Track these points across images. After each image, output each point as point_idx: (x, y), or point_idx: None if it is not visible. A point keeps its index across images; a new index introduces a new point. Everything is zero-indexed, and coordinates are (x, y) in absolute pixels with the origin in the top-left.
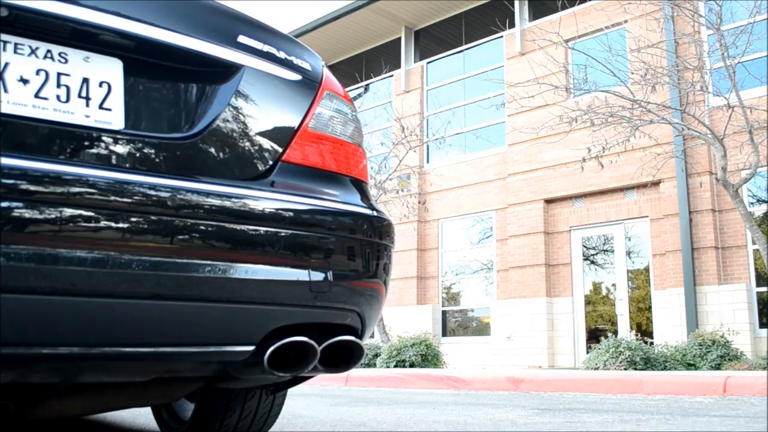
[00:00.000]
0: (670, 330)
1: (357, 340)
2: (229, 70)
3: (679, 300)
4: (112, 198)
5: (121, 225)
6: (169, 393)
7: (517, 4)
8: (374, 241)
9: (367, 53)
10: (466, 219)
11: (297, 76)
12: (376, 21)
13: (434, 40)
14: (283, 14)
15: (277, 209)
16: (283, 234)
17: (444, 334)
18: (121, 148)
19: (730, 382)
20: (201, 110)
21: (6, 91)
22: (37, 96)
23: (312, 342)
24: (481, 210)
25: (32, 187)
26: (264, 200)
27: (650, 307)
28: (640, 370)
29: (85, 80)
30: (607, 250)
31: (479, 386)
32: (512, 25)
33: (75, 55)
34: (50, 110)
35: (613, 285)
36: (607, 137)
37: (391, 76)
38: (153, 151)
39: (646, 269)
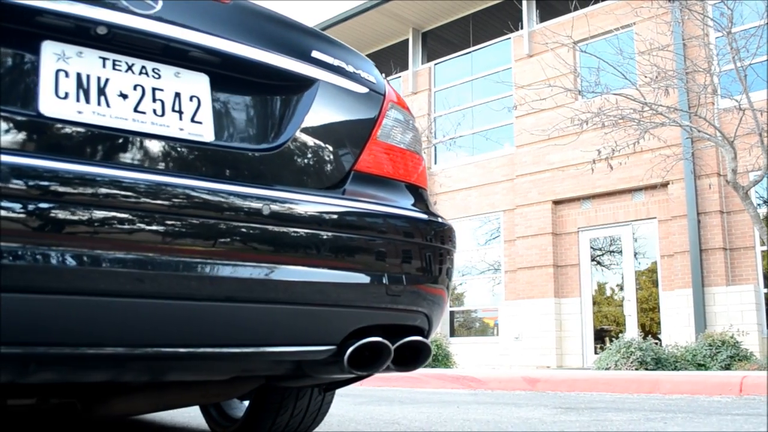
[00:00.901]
0: (678, 331)
1: (425, 341)
2: (306, 84)
3: (687, 301)
4: (207, 209)
5: (215, 233)
6: (230, 391)
7: (525, 6)
8: (440, 246)
9: (374, 55)
10: (473, 220)
11: (364, 89)
12: (383, 23)
13: (442, 41)
14: (292, 16)
15: (355, 217)
16: (361, 240)
17: (452, 334)
18: (212, 159)
19: (747, 382)
20: (282, 123)
21: (108, 105)
22: (136, 110)
23: (387, 342)
24: (488, 211)
25: (139, 199)
26: (343, 208)
27: (655, 308)
28: (651, 370)
29: (177, 95)
30: (614, 251)
31: (495, 386)
32: (520, 27)
33: (167, 70)
34: (148, 124)
35: (621, 286)
36: (616, 139)
37: (399, 77)
38: (240, 161)
39: (654, 270)
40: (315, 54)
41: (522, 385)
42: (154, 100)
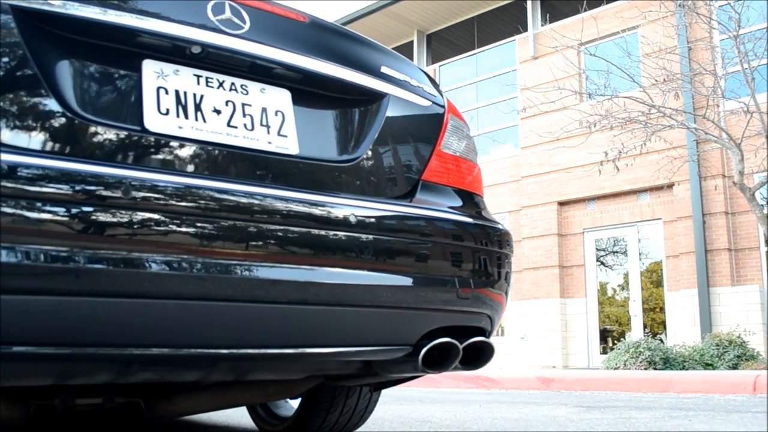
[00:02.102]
0: (683, 331)
1: (489, 341)
2: (377, 99)
3: (692, 301)
4: (297, 218)
5: (305, 241)
6: (288, 390)
7: (529, 7)
8: (502, 251)
9: None
10: None
11: (428, 102)
12: (388, 25)
13: (446, 43)
14: None
15: (428, 224)
16: (435, 246)
17: None
18: (297, 171)
19: (760, 381)
20: (358, 135)
21: (204, 120)
22: (229, 125)
23: (456, 342)
24: (494, 212)
25: (237, 210)
26: (417, 216)
27: (655, 308)
28: (659, 369)
29: (264, 110)
30: (619, 252)
31: (510, 385)
32: (525, 28)
33: (253, 86)
34: (240, 137)
35: (626, 286)
36: (623, 141)
37: None
38: (324, 173)
39: (659, 271)
40: (384, 69)
41: (536, 385)
42: (244, 115)
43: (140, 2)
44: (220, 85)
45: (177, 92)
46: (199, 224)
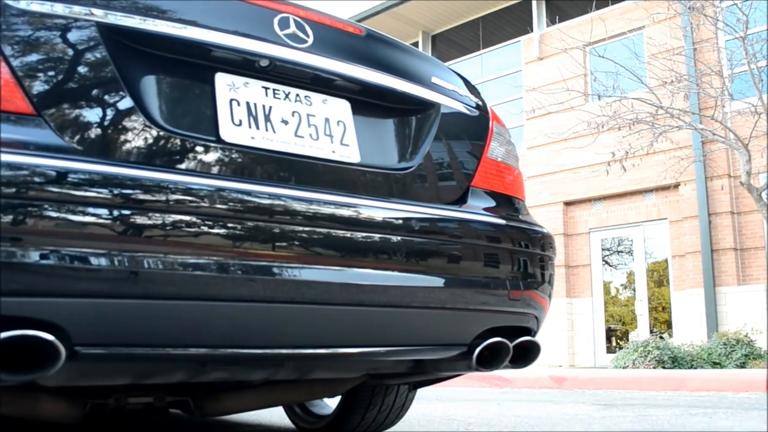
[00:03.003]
0: (690, 330)
1: (536, 340)
2: (430, 108)
3: (698, 300)
4: (363, 224)
5: (367, 246)
6: (333, 388)
7: (534, 8)
8: (547, 254)
9: None
10: None
11: (475, 111)
12: (394, 26)
13: (452, 44)
14: None
15: (482, 229)
16: (488, 250)
17: None
18: (359, 179)
19: None
20: (413, 144)
21: (274, 131)
22: (296, 135)
23: (507, 342)
24: None
25: (308, 217)
26: (471, 222)
27: (658, 307)
28: (668, 368)
29: (327, 120)
30: (625, 252)
31: (522, 384)
32: (530, 29)
33: (316, 97)
34: (307, 147)
35: (629, 285)
36: (630, 141)
37: None
38: (383, 180)
39: (665, 270)
40: (434, 80)
41: (548, 384)
42: (309, 125)
43: (213, 18)
44: (286, 96)
45: (248, 104)
46: (274, 231)
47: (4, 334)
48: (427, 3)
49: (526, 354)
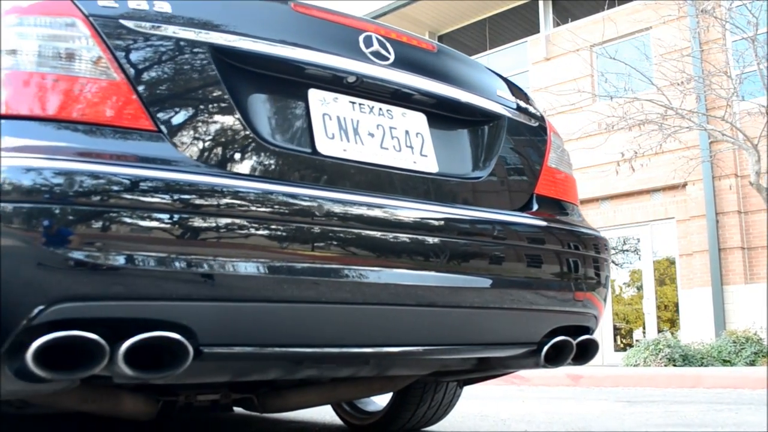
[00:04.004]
0: (698, 328)
1: (595, 338)
2: (497, 120)
3: (706, 299)
4: (443, 231)
5: (449, 251)
6: (391, 385)
7: (541, 8)
8: (604, 256)
9: None
10: None
11: (535, 122)
12: (400, 26)
13: (458, 45)
14: None
15: (548, 234)
16: (555, 253)
17: None
18: (438, 188)
19: None
20: (484, 154)
21: (363, 143)
22: (381, 147)
23: (571, 340)
24: None
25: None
26: (539, 227)
27: (664, 306)
28: (679, 366)
29: (407, 132)
30: (632, 251)
31: (539, 382)
32: (537, 30)
33: (396, 111)
34: (391, 158)
35: (633, 284)
36: (639, 142)
37: None
38: (459, 189)
39: (667, 269)
40: (499, 92)
41: (565, 381)
42: (392, 137)
43: (305, 37)
44: (371, 110)
45: (338, 118)
46: (371, 238)
47: (142, 336)
48: (433, 3)
49: (586, 351)
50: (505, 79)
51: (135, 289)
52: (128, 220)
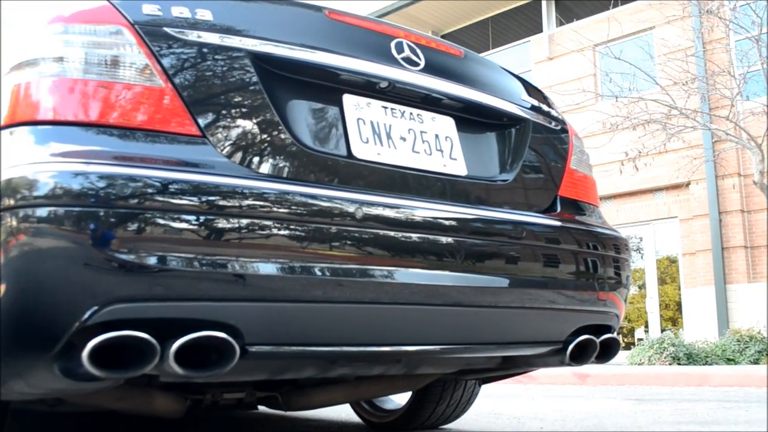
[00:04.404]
0: (701, 327)
1: (617, 337)
2: (522, 124)
3: (709, 298)
4: (472, 232)
5: (480, 252)
6: (413, 383)
7: (544, 8)
8: (625, 257)
9: None
10: None
11: (558, 125)
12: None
13: (461, 44)
14: None
15: (573, 235)
16: (580, 253)
17: None
18: (467, 190)
19: None
20: (511, 157)
21: (395, 147)
22: (413, 150)
23: (595, 338)
24: None
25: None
26: (564, 228)
27: (665, 305)
28: (683, 365)
29: (437, 136)
30: (635, 250)
31: (545, 380)
32: (540, 29)
33: (426, 115)
34: (423, 161)
35: (639, 283)
36: (644, 141)
37: None
38: (487, 191)
39: (667, 268)
40: (523, 97)
41: (572, 380)
42: (423, 141)
43: (340, 43)
44: (402, 114)
45: (372, 122)
46: (407, 240)
47: (193, 335)
48: (436, 3)
49: (609, 350)
50: (529, 83)
51: (184, 290)
52: (179, 223)
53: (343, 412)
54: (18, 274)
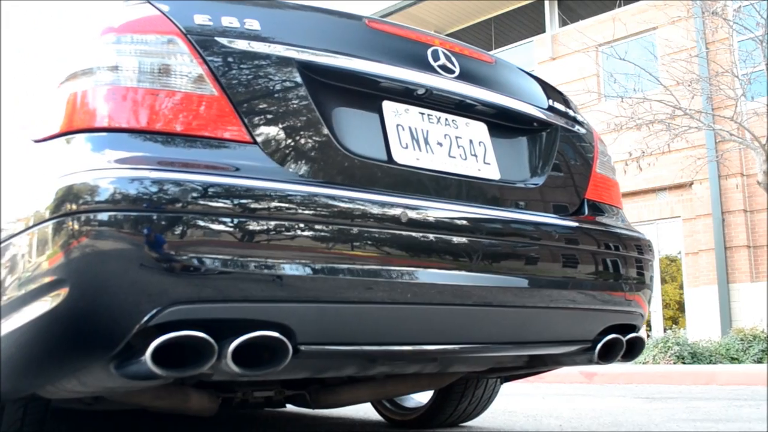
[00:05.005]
0: (704, 326)
1: (642, 336)
2: (551, 129)
3: (712, 297)
4: (508, 236)
5: (516, 254)
6: (438, 382)
7: (547, 8)
8: (648, 258)
9: None
10: None
11: (583, 130)
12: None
13: None
14: None
15: (601, 237)
16: (609, 255)
17: None
18: (501, 194)
19: None
20: (541, 162)
21: (433, 152)
22: (449, 155)
23: (621, 337)
24: None
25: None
26: (593, 230)
27: (665, 304)
28: (687, 363)
29: (471, 141)
30: None
31: (552, 379)
32: (543, 30)
33: (460, 121)
34: (459, 166)
35: None
36: (648, 142)
37: None
38: (520, 194)
39: (676, 267)
40: (551, 102)
41: (579, 379)
42: (458, 146)
43: (379, 52)
44: (438, 120)
45: (410, 128)
46: (442, 242)
47: (250, 335)
48: (439, 3)
49: (634, 348)
50: (555, 89)
51: (241, 291)
52: (235, 227)
53: (361, 411)
54: (82, 277)
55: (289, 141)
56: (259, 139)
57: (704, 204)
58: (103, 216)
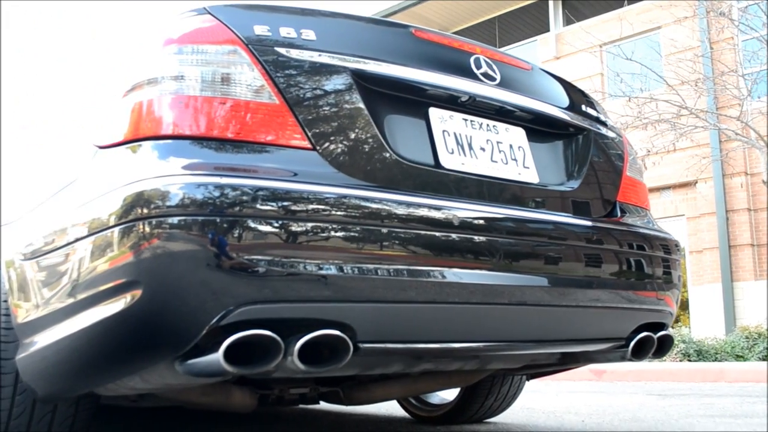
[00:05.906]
0: (708, 324)
1: (672, 334)
2: (584, 134)
3: (716, 295)
4: (548, 238)
5: (557, 255)
6: (468, 379)
7: (551, 7)
8: (676, 257)
9: None
10: None
11: (614, 134)
12: None
13: None
14: None
15: (634, 238)
16: (641, 255)
17: None
18: (540, 196)
19: None
20: (577, 165)
21: (476, 157)
22: (491, 160)
23: (653, 335)
24: None
25: (511, 231)
26: (626, 232)
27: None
28: (693, 361)
29: (511, 146)
30: None
31: (561, 377)
32: (547, 29)
33: (500, 126)
34: (501, 170)
35: None
36: (653, 141)
37: None
38: (557, 197)
39: (683, 266)
40: (585, 107)
41: (588, 376)
42: (499, 151)
43: (426, 60)
44: (480, 126)
45: (455, 134)
46: (490, 244)
47: (314, 333)
48: (443, 2)
49: (664, 345)
50: (588, 95)
51: (306, 292)
52: (301, 231)
53: (385, 408)
54: (156, 280)
55: (346, 147)
56: (318, 146)
57: (708, 202)
58: (175, 220)
